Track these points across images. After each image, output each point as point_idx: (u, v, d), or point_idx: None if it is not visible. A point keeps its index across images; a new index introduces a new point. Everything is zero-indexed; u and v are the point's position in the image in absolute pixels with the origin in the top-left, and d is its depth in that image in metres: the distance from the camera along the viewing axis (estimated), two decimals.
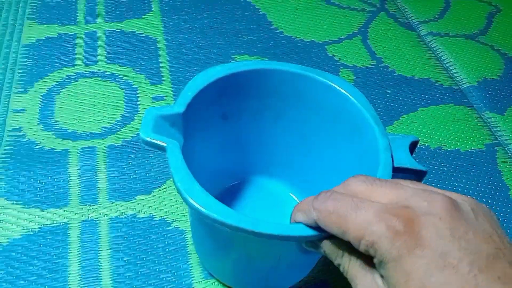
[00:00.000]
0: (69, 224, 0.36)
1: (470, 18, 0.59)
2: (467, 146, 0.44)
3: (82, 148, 0.41)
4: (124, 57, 0.49)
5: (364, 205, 0.20)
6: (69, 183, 0.38)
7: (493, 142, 0.45)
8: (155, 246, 0.35)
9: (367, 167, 0.27)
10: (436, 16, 0.58)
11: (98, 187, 0.38)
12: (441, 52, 0.53)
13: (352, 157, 0.30)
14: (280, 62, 0.30)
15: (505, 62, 0.53)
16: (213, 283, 0.33)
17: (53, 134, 0.42)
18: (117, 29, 0.52)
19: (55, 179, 0.38)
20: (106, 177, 0.39)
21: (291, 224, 0.23)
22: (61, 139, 0.41)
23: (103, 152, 0.40)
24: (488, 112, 0.47)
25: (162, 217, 0.37)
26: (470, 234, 0.19)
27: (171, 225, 0.36)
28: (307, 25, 0.55)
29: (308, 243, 0.24)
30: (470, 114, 0.47)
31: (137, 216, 0.37)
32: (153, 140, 0.25)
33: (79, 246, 0.35)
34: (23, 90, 0.45)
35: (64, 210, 0.37)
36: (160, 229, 0.36)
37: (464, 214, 0.20)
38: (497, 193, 0.41)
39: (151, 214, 0.37)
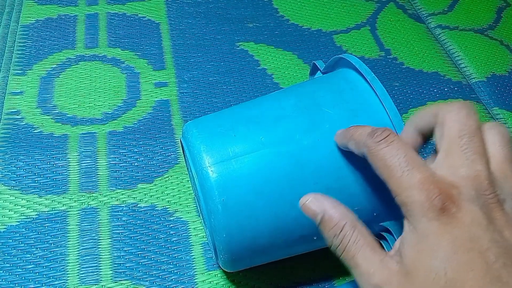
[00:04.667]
0: (68, 211, 0.35)
1: (480, 12, 0.58)
2: None
3: (82, 133, 0.39)
4: (126, 40, 0.47)
5: (413, 169, 0.20)
6: (68, 169, 0.37)
7: None
8: (156, 237, 0.34)
9: None
10: (445, 9, 0.57)
11: (98, 174, 0.37)
12: (450, 45, 0.52)
13: None
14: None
15: None
16: (217, 275, 0.32)
17: (52, 118, 0.40)
18: (119, 11, 0.50)
19: (54, 165, 0.37)
20: (107, 164, 0.38)
21: None
22: (60, 124, 0.40)
23: (103, 138, 0.39)
24: (497, 108, 0.47)
25: (164, 207, 0.36)
26: (506, 233, 0.19)
27: (174, 215, 0.35)
28: (315, 13, 0.53)
29: None
30: (478, 110, 0.46)
31: (139, 205, 0.35)
32: None
33: (78, 235, 0.34)
34: (21, 72, 0.43)
35: (63, 197, 0.35)
36: (162, 219, 0.35)
37: (506, 215, 0.19)
38: None
39: (152, 204, 0.36)
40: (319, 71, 0.36)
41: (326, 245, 0.23)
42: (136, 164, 0.38)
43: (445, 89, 0.48)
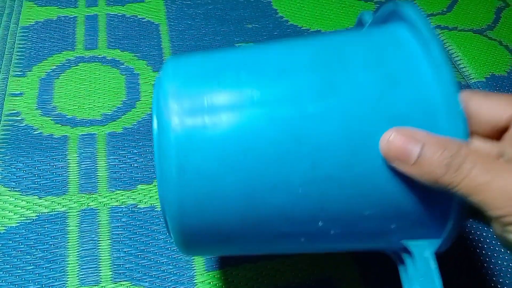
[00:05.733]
0: (68, 212, 0.35)
1: (479, 13, 0.58)
2: None
3: (82, 134, 0.40)
4: (125, 42, 0.47)
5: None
6: (68, 170, 0.37)
7: None
8: (156, 237, 0.34)
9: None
10: (444, 9, 0.57)
11: (98, 176, 0.37)
12: (449, 46, 0.52)
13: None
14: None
15: None
16: (216, 275, 0.33)
17: (51, 119, 0.40)
18: (119, 12, 0.50)
19: (54, 166, 0.37)
20: (106, 165, 0.38)
21: None
22: (60, 125, 0.40)
23: (103, 140, 0.39)
24: None
25: None
26: None
27: None
28: (314, 14, 0.53)
29: None
30: None
31: (138, 206, 0.36)
32: None
33: (78, 236, 0.34)
34: (21, 73, 0.43)
35: (63, 198, 0.36)
36: (162, 220, 0.35)
37: None
38: None
39: (152, 205, 0.36)
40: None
41: (315, 249, 0.21)
42: (135, 165, 0.38)
43: None
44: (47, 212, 0.35)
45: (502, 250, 0.36)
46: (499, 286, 0.34)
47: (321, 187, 0.20)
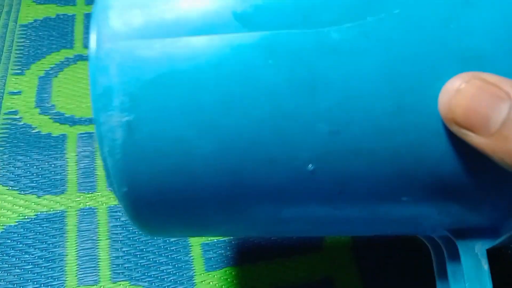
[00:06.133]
0: (67, 212, 0.35)
1: None
2: None
3: (80, 133, 0.39)
4: None
5: None
6: (67, 169, 0.37)
7: None
8: (155, 237, 0.34)
9: None
10: None
11: (97, 174, 0.37)
12: None
13: None
14: None
15: None
16: (215, 276, 0.32)
17: (50, 118, 0.40)
18: None
19: (52, 165, 0.37)
20: None
21: None
22: (58, 124, 0.40)
23: None
24: None
25: None
26: None
27: None
28: None
29: None
30: None
31: None
32: None
33: (77, 235, 0.34)
34: (19, 71, 0.43)
35: (61, 197, 0.35)
36: None
37: None
38: None
39: None
40: None
41: (323, 234, 0.16)
42: None
43: None
44: (46, 211, 0.34)
45: None
46: None
47: (343, 162, 0.14)
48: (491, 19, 0.13)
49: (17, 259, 0.32)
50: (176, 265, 0.33)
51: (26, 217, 0.34)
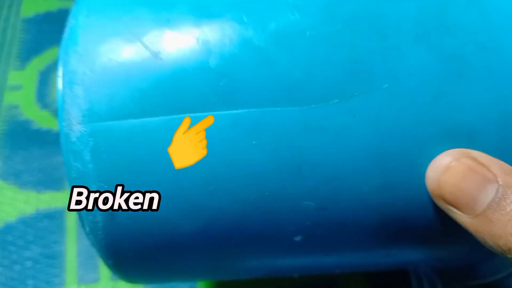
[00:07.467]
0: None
1: None
2: None
3: None
4: None
5: None
6: None
7: None
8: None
9: None
10: None
11: None
12: None
13: None
14: None
15: None
16: (218, 281, 0.32)
17: (50, 113, 0.40)
18: None
19: (53, 161, 0.37)
20: None
21: None
22: None
23: None
24: None
25: None
26: None
27: None
28: None
29: None
30: None
31: None
32: None
33: (77, 232, 0.33)
34: (21, 66, 0.43)
35: (62, 193, 0.35)
36: None
37: None
38: None
39: None
40: None
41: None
42: None
43: None
44: (46, 207, 0.34)
45: None
46: None
47: (330, 233, 0.14)
48: (483, 92, 0.13)
49: (18, 255, 0.32)
50: None
51: (26, 213, 0.34)
